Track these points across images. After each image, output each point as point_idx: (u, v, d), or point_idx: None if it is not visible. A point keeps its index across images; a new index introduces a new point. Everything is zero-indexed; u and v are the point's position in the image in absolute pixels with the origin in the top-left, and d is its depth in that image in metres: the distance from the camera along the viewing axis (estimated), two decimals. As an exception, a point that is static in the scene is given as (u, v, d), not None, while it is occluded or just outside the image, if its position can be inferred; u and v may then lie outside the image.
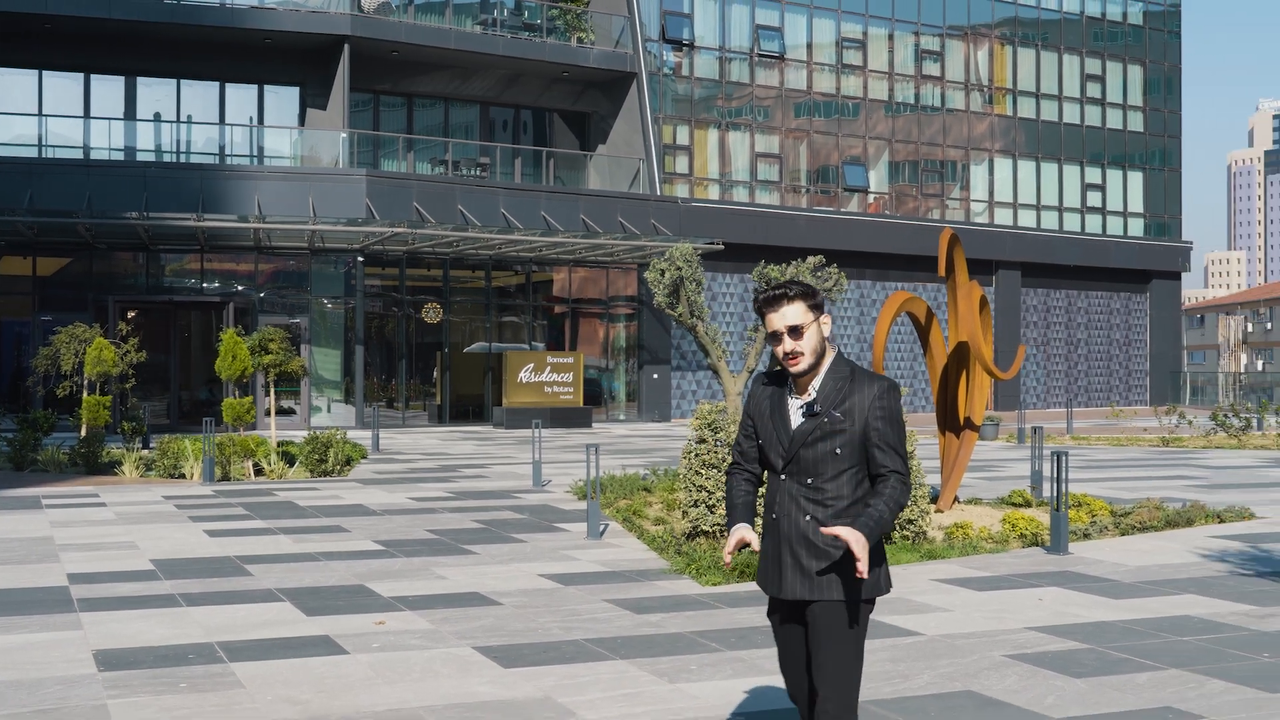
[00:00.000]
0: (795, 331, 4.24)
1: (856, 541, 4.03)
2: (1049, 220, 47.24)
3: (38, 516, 14.08)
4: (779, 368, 4.32)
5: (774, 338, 4.28)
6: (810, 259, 15.97)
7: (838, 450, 4.22)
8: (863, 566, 4.02)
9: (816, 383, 4.28)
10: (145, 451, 21.39)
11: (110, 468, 19.81)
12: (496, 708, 6.32)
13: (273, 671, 7.02)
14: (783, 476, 4.29)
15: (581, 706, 6.30)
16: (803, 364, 4.24)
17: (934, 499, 13.67)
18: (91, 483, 18.18)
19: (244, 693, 6.59)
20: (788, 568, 4.26)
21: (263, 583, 9.86)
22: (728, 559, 4.29)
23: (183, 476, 18.83)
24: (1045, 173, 47.30)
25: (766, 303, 4.28)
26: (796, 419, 4.28)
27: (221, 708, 6.31)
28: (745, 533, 4.28)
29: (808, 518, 4.23)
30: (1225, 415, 27.50)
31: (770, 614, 4.45)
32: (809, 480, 4.24)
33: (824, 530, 4.14)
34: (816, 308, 4.28)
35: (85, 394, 22.46)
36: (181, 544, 11.95)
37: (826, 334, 4.30)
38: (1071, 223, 47.79)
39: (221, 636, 7.89)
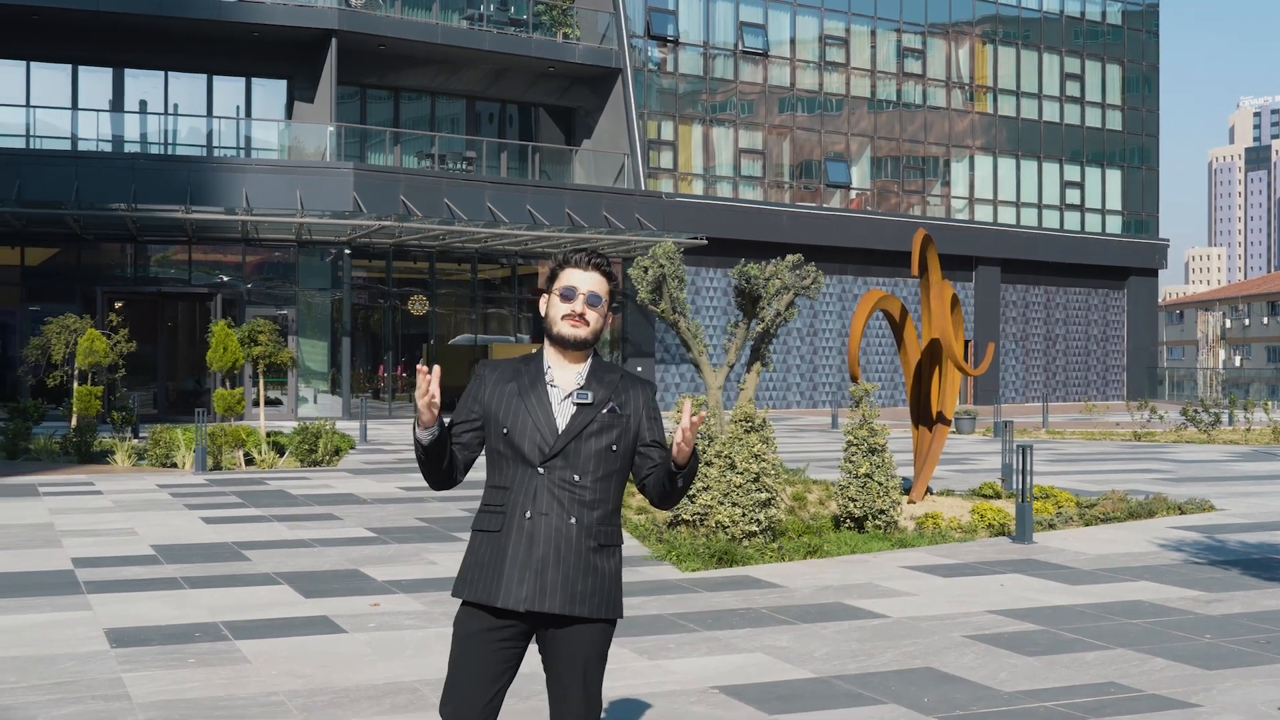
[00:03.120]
0: (594, 299, 3.90)
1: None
2: (1028, 217, 47.81)
3: (36, 504, 14.47)
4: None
5: (566, 294, 3.89)
6: (790, 257, 16.39)
7: (613, 447, 3.85)
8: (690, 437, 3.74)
9: (583, 370, 3.91)
10: (136, 441, 21.76)
11: (102, 457, 20.17)
12: (487, 681, 6.76)
13: (276, 649, 7.45)
14: (540, 470, 3.79)
15: (567, 680, 6.74)
16: (584, 332, 3.88)
17: (906, 490, 14.14)
18: (85, 471, 18.55)
19: (250, 667, 7.02)
20: (535, 574, 3.74)
21: (261, 567, 10.28)
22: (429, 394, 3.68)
23: (175, 465, 19.21)
24: (1025, 170, 47.86)
25: (576, 260, 3.94)
26: (564, 408, 3.84)
27: (230, 681, 6.74)
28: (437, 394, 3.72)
29: (573, 520, 3.78)
30: (1195, 410, 28.06)
31: (467, 625, 3.83)
32: (575, 478, 3.79)
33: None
34: (612, 295, 3.98)
35: (76, 384, 22.80)
36: (179, 530, 12.37)
37: (605, 329, 3.99)
38: (1050, 220, 48.37)
39: (225, 616, 8.32)
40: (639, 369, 38.07)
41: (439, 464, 3.86)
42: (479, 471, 3.94)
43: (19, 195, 29.68)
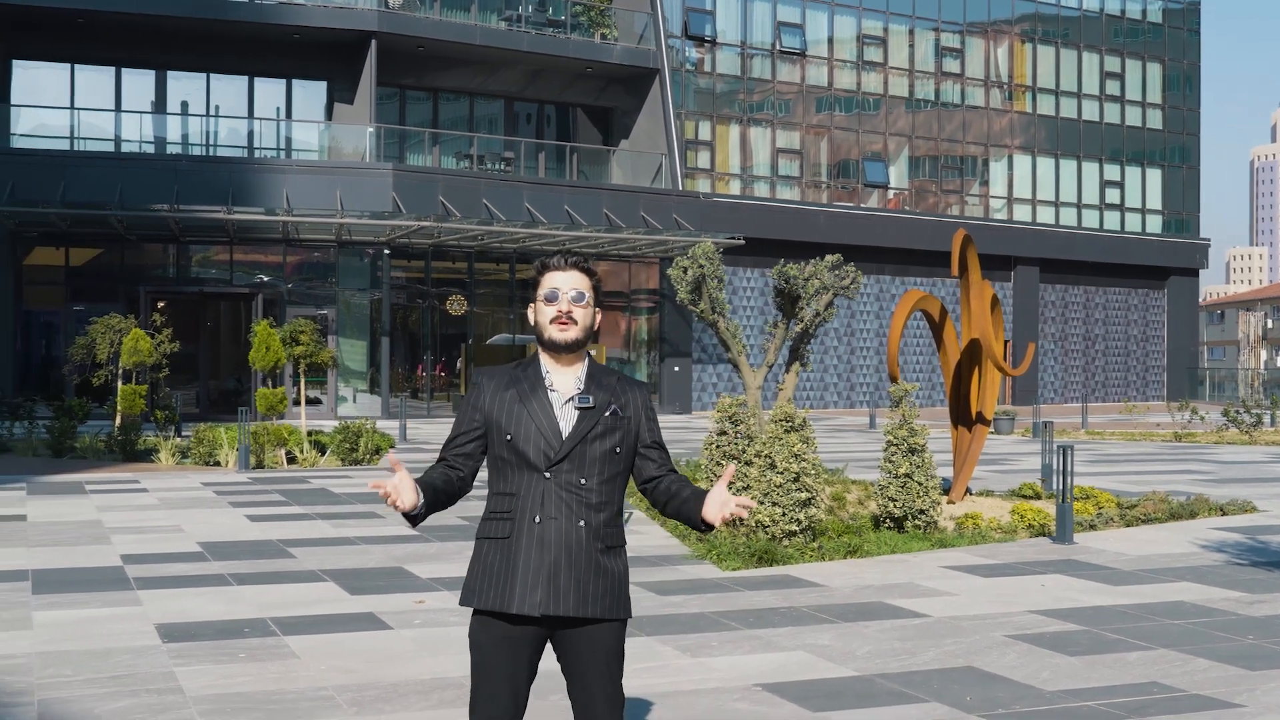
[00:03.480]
0: (578, 298, 3.91)
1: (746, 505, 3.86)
2: (1068, 217, 47.56)
3: (83, 501, 14.67)
4: (515, 361, 4.03)
5: (550, 298, 3.91)
6: (829, 257, 16.44)
7: (617, 450, 3.91)
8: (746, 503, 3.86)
9: (580, 374, 3.94)
10: (179, 439, 21.99)
11: (147, 455, 20.40)
12: (533, 678, 6.84)
13: (323, 644, 7.56)
14: (547, 475, 3.83)
15: (611, 677, 6.81)
16: (572, 333, 3.89)
17: (946, 490, 14.16)
18: (130, 469, 18.78)
19: (299, 663, 7.13)
20: (548, 578, 3.79)
21: (306, 564, 10.41)
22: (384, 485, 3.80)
23: (218, 464, 19.41)
24: (1064, 169, 47.61)
25: (556, 263, 3.96)
26: (566, 412, 3.88)
27: (280, 676, 6.85)
28: (404, 483, 3.80)
29: (581, 523, 3.83)
30: (1237, 411, 27.88)
31: (483, 634, 3.86)
32: (582, 481, 3.84)
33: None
34: (597, 291, 3.98)
35: (120, 383, 23.06)
36: (225, 528, 12.53)
37: (595, 327, 4.00)
38: (1090, 219, 48.09)
39: (273, 613, 8.44)
40: (676, 369, 38.14)
41: (439, 508, 3.95)
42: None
43: (64, 196, 30.02)
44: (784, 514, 10.88)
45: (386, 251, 33.38)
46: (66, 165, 31.09)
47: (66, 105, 34.35)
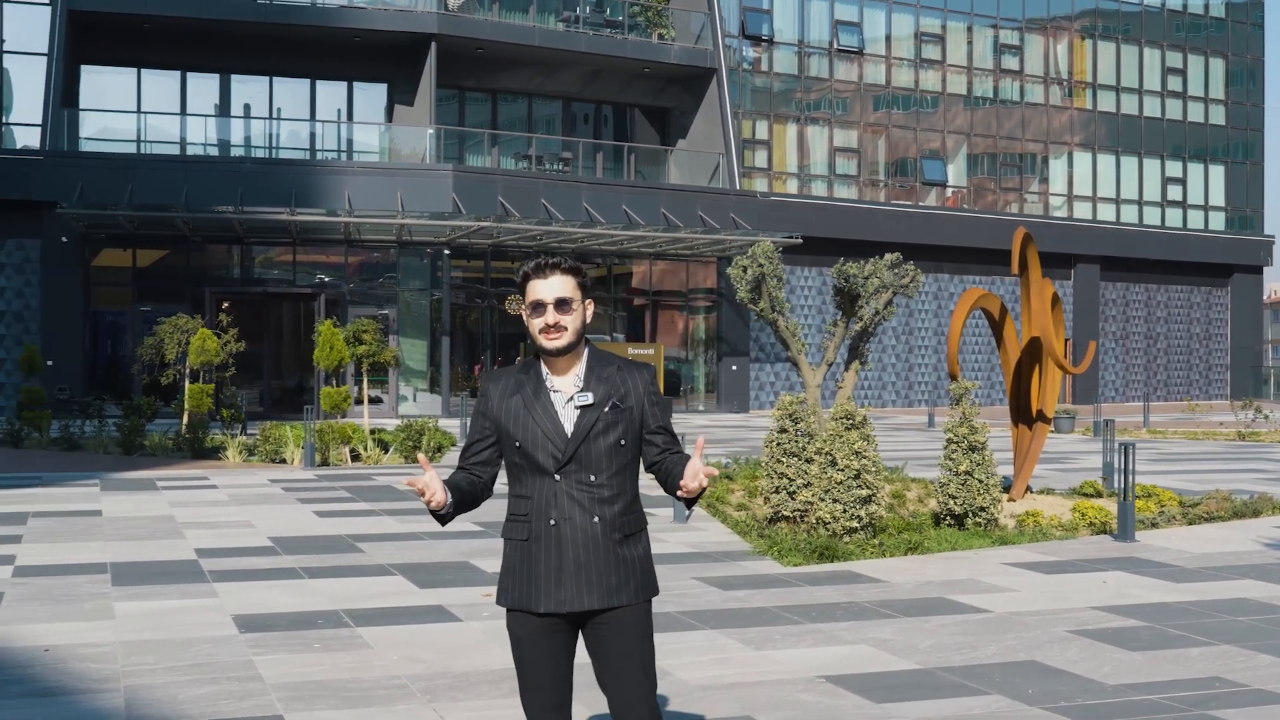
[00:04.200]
0: (563, 304, 3.94)
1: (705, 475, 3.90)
2: (1128, 214, 47.15)
3: (155, 497, 14.99)
4: (518, 359, 4.09)
5: (536, 308, 3.95)
6: (888, 255, 16.50)
7: (622, 442, 3.97)
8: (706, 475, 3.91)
9: (579, 371, 4.01)
10: (245, 437, 22.35)
11: (214, 453, 20.76)
12: (600, 668, 6.99)
13: (395, 635, 7.74)
14: (557, 477, 3.94)
15: (677, 669, 6.95)
16: (563, 340, 3.94)
17: (1006, 488, 14.17)
18: (198, 466, 19.13)
19: (372, 652, 7.32)
20: (570, 576, 3.91)
21: (375, 559, 10.62)
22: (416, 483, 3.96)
23: (284, 461, 19.73)
24: (1125, 166, 47.20)
25: (536, 270, 3.97)
26: (568, 413, 3.96)
27: (354, 665, 7.04)
28: (434, 481, 3.95)
29: (596, 519, 3.92)
30: (1302, 410, 27.60)
31: (519, 633, 4.00)
32: (591, 478, 3.93)
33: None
34: (584, 288, 4.01)
35: (188, 382, 23.46)
36: (294, 523, 12.78)
37: (588, 320, 4.04)
38: (1151, 217, 47.65)
39: (345, 605, 8.64)
40: (733, 368, 38.22)
41: (465, 509, 4.11)
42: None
43: (131, 199, 30.52)
44: (845, 511, 10.97)
45: (446, 252, 33.69)
46: (133, 168, 31.62)
47: (133, 109, 34.94)
